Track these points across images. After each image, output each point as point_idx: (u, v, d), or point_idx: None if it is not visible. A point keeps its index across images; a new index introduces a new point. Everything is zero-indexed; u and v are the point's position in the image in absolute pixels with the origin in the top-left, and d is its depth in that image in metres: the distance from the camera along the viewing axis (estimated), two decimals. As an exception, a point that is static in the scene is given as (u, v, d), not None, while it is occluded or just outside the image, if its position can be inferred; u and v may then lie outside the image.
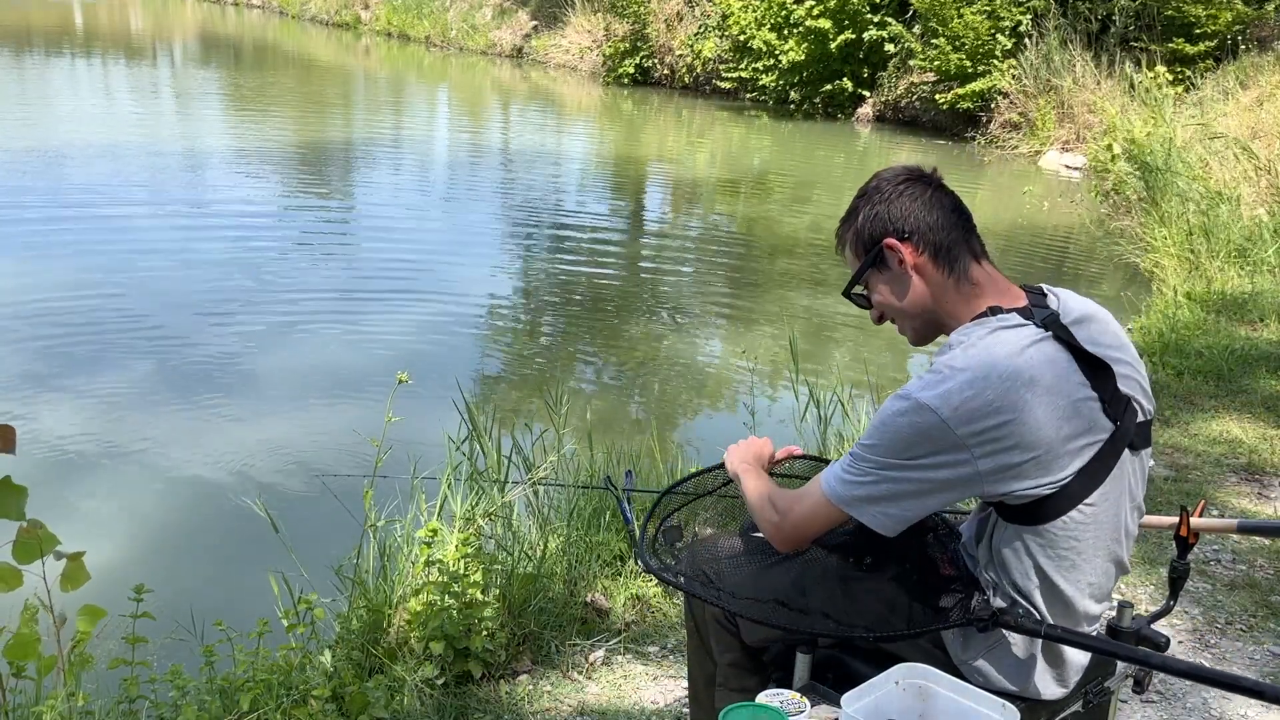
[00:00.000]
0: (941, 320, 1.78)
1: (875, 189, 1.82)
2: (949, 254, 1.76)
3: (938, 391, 1.62)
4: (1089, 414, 1.66)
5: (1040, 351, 1.65)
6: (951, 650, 1.80)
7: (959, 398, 1.60)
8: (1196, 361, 5.42)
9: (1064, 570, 1.71)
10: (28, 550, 1.88)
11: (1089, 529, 1.69)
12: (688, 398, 6.14)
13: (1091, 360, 1.68)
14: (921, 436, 1.63)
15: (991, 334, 1.67)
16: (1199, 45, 12.46)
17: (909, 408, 1.64)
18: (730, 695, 1.98)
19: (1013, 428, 1.60)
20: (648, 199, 12.17)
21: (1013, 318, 1.69)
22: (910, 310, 1.80)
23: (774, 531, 1.84)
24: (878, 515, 1.70)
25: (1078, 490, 1.66)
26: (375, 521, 3.13)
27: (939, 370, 1.65)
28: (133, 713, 2.59)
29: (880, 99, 15.56)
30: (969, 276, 1.76)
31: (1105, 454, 1.67)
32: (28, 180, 10.17)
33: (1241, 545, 3.74)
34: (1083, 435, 1.65)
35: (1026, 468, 1.63)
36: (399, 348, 6.45)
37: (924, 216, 1.77)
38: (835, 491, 1.73)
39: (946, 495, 1.68)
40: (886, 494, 1.68)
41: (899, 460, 1.66)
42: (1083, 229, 10.22)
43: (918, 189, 1.79)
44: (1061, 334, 1.68)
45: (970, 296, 1.76)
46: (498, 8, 22.34)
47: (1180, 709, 2.88)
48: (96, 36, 24.74)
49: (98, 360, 5.96)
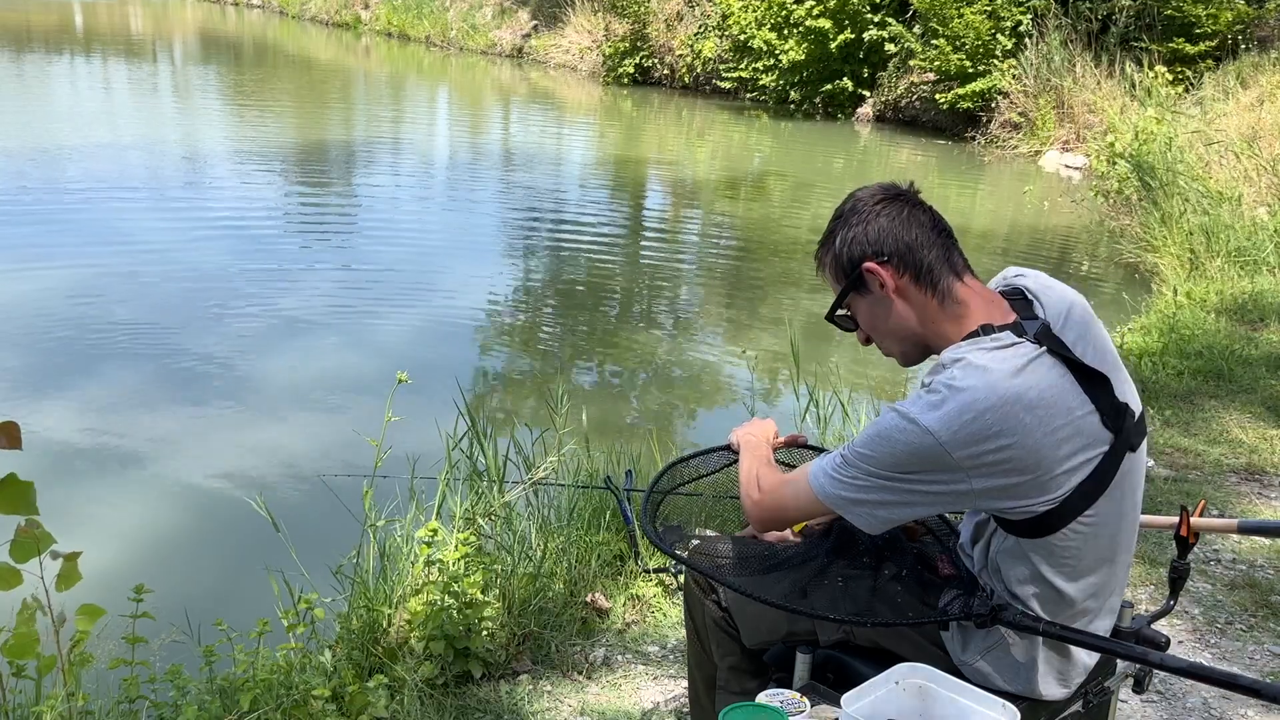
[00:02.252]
0: (929, 342, 1.75)
1: (851, 210, 1.77)
2: (930, 274, 1.72)
3: (938, 415, 1.59)
4: (1089, 429, 1.64)
5: (1038, 370, 1.62)
6: (952, 651, 1.80)
7: (958, 421, 1.58)
8: (1196, 361, 5.42)
9: (1065, 574, 1.70)
10: (25, 549, 1.88)
11: (1090, 538, 1.68)
12: (688, 398, 6.14)
13: (1089, 373, 1.66)
14: (917, 458, 1.62)
15: (988, 354, 1.62)
16: (1199, 45, 12.45)
17: (908, 428, 1.61)
18: (731, 698, 1.98)
19: (1012, 451, 1.59)
20: (647, 199, 12.17)
21: (1006, 336, 1.65)
22: (896, 333, 1.77)
23: (752, 507, 1.87)
24: (864, 515, 1.70)
25: (1078, 504, 1.65)
26: (375, 521, 3.13)
27: (937, 390, 1.61)
28: (133, 713, 2.58)
29: (880, 99, 15.55)
30: (954, 295, 1.72)
31: (1105, 465, 1.66)
32: (27, 180, 10.17)
33: (1241, 545, 3.73)
34: (1081, 452, 1.63)
35: (1024, 488, 1.62)
36: (399, 347, 6.45)
37: (902, 236, 1.72)
38: (823, 488, 1.72)
39: (937, 508, 1.69)
40: (876, 500, 1.67)
41: (892, 474, 1.65)
42: (1083, 229, 10.22)
43: (894, 208, 1.75)
44: (1056, 347, 1.65)
45: (957, 316, 1.71)
46: (498, 8, 22.34)
47: (1180, 709, 2.88)
48: (96, 36, 24.74)
49: (97, 361, 5.96)
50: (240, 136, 13.53)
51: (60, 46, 21.99)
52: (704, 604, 2.09)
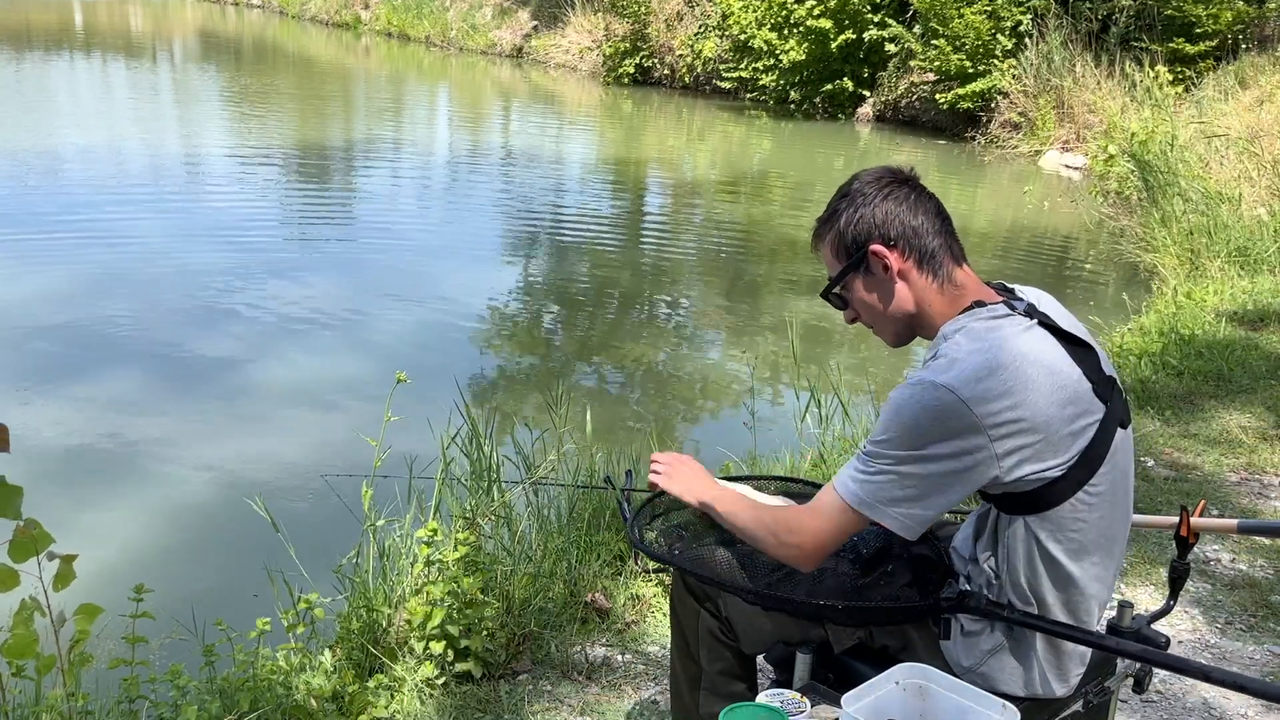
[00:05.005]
0: (924, 322, 1.78)
1: (857, 190, 1.79)
2: (933, 260, 1.76)
3: (953, 374, 1.61)
4: (1084, 396, 1.68)
5: (1036, 335, 1.68)
6: (953, 662, 1.80)
7: (974, 378, 1.60)
8: (1196, 361, 5.42)
9: (1072, 554, 1.71)
10: (23, 549, 1.88)
11: (1095, 510, 1.70)
12: (688, 397, 6.14)
13: (1078, 342, 1.71)
14: (938, 419, 1.61)
15: (987, 322, 1.68)
16: (1199, 45, 12.45)
17: (923, 391, 1.62)
18: (719, 700, 1.95)
19: (1024, 410, 1.61)
20: (648, 199, 12.17)
21: (1000, 308, 1.72)
22: (891, 314, 1.79)
23: (797, 556, 1.76)
24: (899, 517, 1.67)
25: (1083, 471, 1.67)
26: (375, 521, 3.13)
27: (946, 354, 1.65)
28: (133, 713, 2.58)
29: (880, 99, 15.55)
30: (953, 280, 1.77)
31: (1101, 435, 1.68)
32: (27, 180, 10.17)
33: (1241, 545, 3.73)
34: (1081, 417, 1.66)
35: (1038, 448, 1.63)
36: (398, 347, 6.45)
37: (909, 221, 1.75)
38: (855, 494, 1.68)
39: (963, 487, 1.65)
40: (906, 494, 1.65)
41: (914, 452, 1.63)
42: (1083, 229, 10.22)
43: (901, 192, 1.77)
44: (1046, 320, 1.71)
45: (955, 298, 1.76)
46: (498, 7, 22.33)
47: (1180, 709, 2.88)
48: (96, 36, 24.74)
49: (97, 360, 5.96)
50: (239, 136, 13.53)
51: (60, 46, 21.99)
52: (699, 611, 2.05)
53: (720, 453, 4.43)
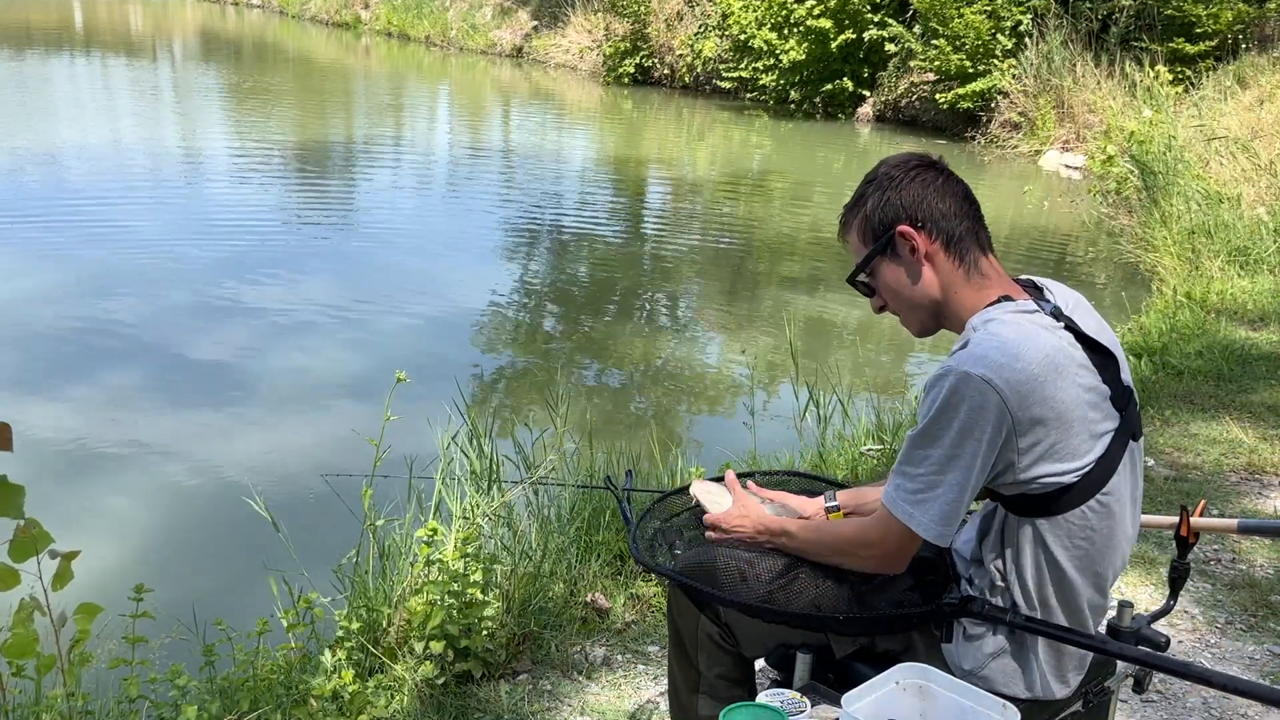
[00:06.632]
0: (950, 311, 1.77)
1: (885, 174, 1.79)
2: (960, 244, 1.75)
3: (986, 362, 1.60)
4: (1103, 404, 1.68)
5: (1062, 336, 1.67)
6: (954, 665, 1.79)
7: (1006, 366, 1.60)
8: (1196, 361, 5.42)
9: (1078, 560, 1.71)
10: (23, 549, 1.87)
11: (1104, 519, 1.70)
12: (688, 397, 6.14)
13: (1101, 350, 1.71)
14: (975, 405, 1.60)
15: (1016, 315, 1.68)
16: (1199, 45, 12.44)
17: (957, 381, 1.61)
18: (717, 704, 1.95)
19: (1050, 407, 1.61)
20: (647, 199, 12.17)
21: (1029, 304, 1.71)
22: (918, 299, 1.78)
23: (881, 562, 1.78)
24: (945, 534, 1.68)
25: (1097, 479, 1.67)
26: (375, 521, 3.13)
27: (977, 344, 1.64)
28: (133, 713, 2.58)
29: (880, 99, 15.54)
30: (979, 268, 1.76)
31: (1116, 444, 1.68)
32: (27, 180, 10.17)
33: (1241, 545, 3.73)
34: (1101, 422, 1.67)
35: (1058, 449, 1.63)
36: (398, 347, 6.45)
37: (937, 204, 1.75)
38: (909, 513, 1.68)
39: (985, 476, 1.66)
40: (949, 497, 1.65)
41: (953, 444, 1.63)
42: (1083, 229, 10.22)
43: (929, 176, 1.77)
44: (1071, 325, 1.70)
45: (981, 287, 1.75)
46: (498, 7, 22.32)
47: (1180, 709, 2.88)
48: (96, 36, 24.73)
49: (97, 360, 5.96)
50: (239, 136, 13.53)
51: (60, 46, 21.98)
52: (699, 617, 2.03)
53: (720, 452, 4.43)
